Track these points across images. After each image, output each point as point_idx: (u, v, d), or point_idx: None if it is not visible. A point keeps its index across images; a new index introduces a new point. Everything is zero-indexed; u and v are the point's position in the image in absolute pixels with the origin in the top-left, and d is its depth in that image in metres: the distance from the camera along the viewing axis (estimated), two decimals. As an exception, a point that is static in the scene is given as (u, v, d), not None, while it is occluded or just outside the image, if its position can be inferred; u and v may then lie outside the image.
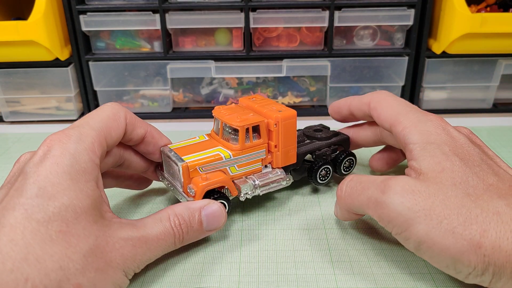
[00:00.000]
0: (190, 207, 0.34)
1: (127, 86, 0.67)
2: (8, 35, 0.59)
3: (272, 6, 0.62)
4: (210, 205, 0.35)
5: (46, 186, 0.27)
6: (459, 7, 0.58)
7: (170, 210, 0.34)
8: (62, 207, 0.27)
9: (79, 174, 0.29)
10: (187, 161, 0.37)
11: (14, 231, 0.25)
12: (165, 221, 0.33)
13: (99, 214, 0.29)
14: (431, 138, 0.33)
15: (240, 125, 0.38)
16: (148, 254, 0.31)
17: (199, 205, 0.35)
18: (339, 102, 0.44)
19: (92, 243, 0.28)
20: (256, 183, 0.39)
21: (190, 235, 0.34)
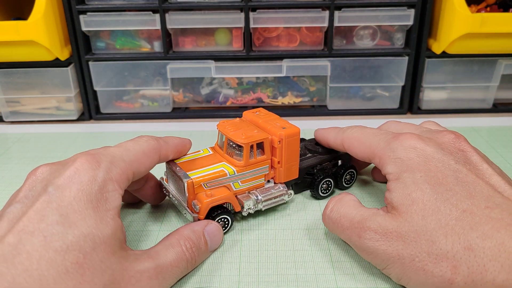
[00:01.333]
0: (195, 230, 0.35)
1: (127, 86, 0.67)
2: (8, 35, 0.59)
3: (272, 6, 0.62)
4: (210, 225, 0.36)
5: (68, 213, 0.27)
6: (459, 7, 0.58)
7: (178, 234, 0.33)
8: (81, 236, 0.26)
9: (102, 203, 0.29)
10: (192, 177, 0.37)
11: (30, 260, 0.24)
12: (176, 246, 0.32)
13: (117, 245, 0.28)
14: (404, 165, 0.32)
15: (245, 142, 0.38)
16: (164, 284, 0.31)
17: (202, 226, 0.35)
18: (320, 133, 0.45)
19: (108, 278, 0.27)
20: (259, 199, 0.40)
21: (200, 257, 0.34)
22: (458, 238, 0.27)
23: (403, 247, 0.29)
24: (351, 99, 0.69)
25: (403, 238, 0.29)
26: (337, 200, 0.36)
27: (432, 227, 0.29)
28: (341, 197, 0.36)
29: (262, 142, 0.39)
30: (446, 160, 0.32)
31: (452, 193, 0.29)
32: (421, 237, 0.29)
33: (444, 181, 0.30)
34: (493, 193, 0.29)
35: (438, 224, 0.28)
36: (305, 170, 0.43)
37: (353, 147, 0.39)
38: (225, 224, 0.39)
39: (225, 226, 0.39)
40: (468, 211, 0.28)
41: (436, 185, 0.30)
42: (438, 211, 0.29)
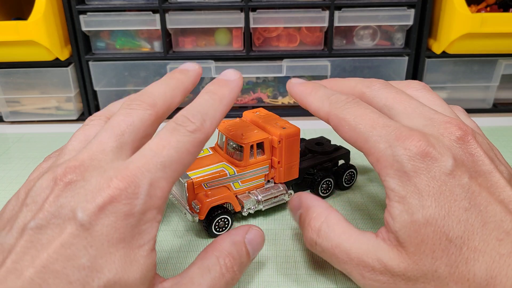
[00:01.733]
0: (235, 241, 0.29)
1: (127, 86, 0.67)
2: (8, 35, 0.59)
3: (272, 6, 0.62)
4: (251, 232, 0.30)
5: (97, 255, 0.22)
6: (459, 7, 0.58)
7: (217, 251, 0.28)
8: (107, 285, 0.22)
9: (136, 239, 0.24)
10: (192, 178, 0.37)
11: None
12: (214, 269, 0.27)
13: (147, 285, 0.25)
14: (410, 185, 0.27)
15: (245, 142, 0.38)
16: None
17: (242, 235, 0.30)
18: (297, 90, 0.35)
19: None
20: (259, 199, 0.40)
21: (241, 273, 0.29)
22: (469, 286, 0.25)
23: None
24: (351, 99, 0.69)
25: (412, 281, 0.26)
26: (324, 223, 0.30)
27: (442, 272, 0.26)
28: (328, 218, 0.31)
29: (262, 142, 0.39)
30: (459, 175, 0.27)
31: (463, 227, 0.26)
32: (431, 283, 0.26)
33: (456, 207, 0.26)
34: (504, 216, 0.26)
35: (448, 269, 0.26)
36: (305, 170, 0.43)
37: (343, 131, 0.31)
38: (225, 224, 0.39)
39: (225, 226, 0.39)
40: (478, 250, 0.25)
41: (447, 217, 0.26)
42: (448, 253, 0.26)
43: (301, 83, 0.35)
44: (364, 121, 0.29)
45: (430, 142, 0.27)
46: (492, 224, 0.26)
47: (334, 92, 0.33)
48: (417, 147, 0.27)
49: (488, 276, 0.25)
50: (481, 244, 0.25)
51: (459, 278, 0.25)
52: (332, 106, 0.31)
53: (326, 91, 0.33)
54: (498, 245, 0.25)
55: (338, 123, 0.31)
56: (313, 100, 0.33)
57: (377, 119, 0.29)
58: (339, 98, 0.32)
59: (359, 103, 0.31)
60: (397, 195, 0.27)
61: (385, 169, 0.28)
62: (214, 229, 0.38)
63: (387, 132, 0.28)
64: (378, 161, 0.28)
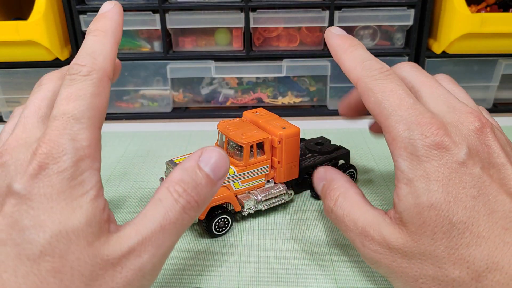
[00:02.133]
0: (186, 167, 0.27)
1: (127, 86, 0.67)
2: (8, 35, 0.59)
3: (272, 6, 0.62)
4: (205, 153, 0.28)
5: (39, 214, 0.23)
6: (459, 7, 0.58)
7: (167, 182, 0.27)
8: (53, 236, 0.23)
9: (76, 189, 0.25)
10: None
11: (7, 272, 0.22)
12: (166, 199, 0.26)
13: (96, 232, 0.25)
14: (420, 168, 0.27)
15: (245, 142, 0.38)
16: (160, 252, 0.26)
17: (194, 159, 0.28)
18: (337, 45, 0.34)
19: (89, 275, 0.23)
20: (259, 198, 0.40)
21: (204, 196, 0.27)
22: (467, 268, 0.25)
23: (407, 266, 0.27)
24: (351, 99, 0.69)
25: (408, 257, 0.27)
26: (342, 194, 0.32)
27: (440, 252, 0.26)
28: (346, 190, 0.32)
29: (262, 142, 0.39)
30: (471, 164, 0.27)
31: (469, 213, 0.26)
32: (428, 261, 0.26)
33: (464, 194, 0.26)
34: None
35: (447, 250, 0.26)
36: (305, 170, 0.43)
37: (368, 101, 0.30)
38: (225, 224, 0.39)
39: (225, 226, 0.39)
40: (481, 236, 0.25)
41: (452, 203, 0.26)
42: (449, 236, 0.26)
43: (340, 35, 0.34)
44: (391, 97, 0.29)
45: (448, 131, 0.27)
46: (499, 213, 0.26)
47: (370, 56, 0.32)
48: (435, 135, 0.27)
49: (489, 261, 0.25)
50: (485, 231, 0.25)
51: (457, 259, 0.26)
52: (364, 72, 0.31)
53: (363, 53, 0.32)
54: (504, 234, 0.25)
55: (365, 92, 0.30)
56: (346, 59, 0.32)
57: (404, 98, 0.29)
58: (373, 66, 0.31)
59: (391, 77, 0.30)
60: (406, 177, 0.28)
61: (398, 149, 0.28)
62: (214, 229, 0.38)
63: (409, 114, 0.28)
64: (393, 141, 0.29)
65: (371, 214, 0.30)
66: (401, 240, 0.27)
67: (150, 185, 0.48)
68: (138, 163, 0.53)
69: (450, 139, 0.27)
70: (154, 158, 0.54)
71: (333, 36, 0.34)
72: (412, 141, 0.27)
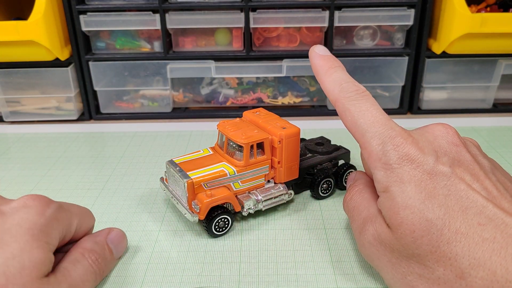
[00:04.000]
0: (97, 241, 0.34)
1: (127, 86, 0.67)
2: (8, 35, 0.59)
3: (272, 6, 0.62)
4: (112, 233, 0.35)
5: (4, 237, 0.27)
6: (459, 7, 0.58)
7: (81, 249, 0.32)
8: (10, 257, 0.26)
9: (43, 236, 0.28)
10: (192, 177, 0.37)
11: None
12: (82, 260, 0.32)
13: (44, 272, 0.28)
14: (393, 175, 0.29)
15: (245, 142, 0.38)
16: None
17: (104, 236, 0.35)
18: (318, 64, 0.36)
19: None
20: (259, 198, 0.40)
21: (107, 267, 0.34)
22: (450, 265, 0.26)
23: (395, 262, 0.29)
24: (351, 99, 0.69)
25: (395, 253, 0.29)
26: (359, 191, 0.35)
27: (422, 250, 0.27)
28: (364, 187, 0.35)
29: (262, 142, 0.39)
30: (440, 165, 0.29)
31: (444, 210, 0.27)
32: (413, 259, 0.28)
33: (436, 193, 0.28)
34: (485, 203, 0.27)
35: (429, 248, 0.27)
36: (305, 170, 0.43)
37: (345, 120, 0.32)
38: (225, 224, 0.39)
39: (225, 226, 0.39)
40: (460, 232, 0.26)
41: (427, 201, 0.27)
42: (428, 233, 0.27)
43: (322, 56, 0.36)
44: (366, 116, 0.31)
45: (416, 140, 0.30)
46: (473, 209, 0.27)
47: (348, 79, 0.34)
48: (404, 144, 0.29)
49: (471, 258, 0.25)
50: (463, 227, 0.26)
51: (440, 257, 0.26)
52: (342, 94, 0.33)
53: (341, 75, 0.34)
54: (481, 230, 0.26)
55: (343, 112, 0.32)
56: (326, 81, 0.34)
57: (377, 116, 0.31)
58: (350, 88, 0.33)
59: (366, 98, 0.32)
60: (382, 186, 0.30)
61: (374, 162, 0.30)
62: (214, 229, 0.38)
63: (383, 129, 0.30)
64: (369, 156, 0.31)
65: (373, 210, 0.32)
66: (389, 238, 0.29)
67: (150, 185, 0.48)
68: (138, 163, 0.53)
69: (418, 146, 0.29)
70: (154, 158, 0.54)
71: (316, 56, 0.36)
72: (385, 152, 0.29)
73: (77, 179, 0.49)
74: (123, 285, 0.33)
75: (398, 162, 0.29)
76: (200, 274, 0.34)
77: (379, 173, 0.30)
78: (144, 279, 0.34)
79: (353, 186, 0.36)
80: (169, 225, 0.41)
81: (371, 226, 0.31)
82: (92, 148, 0.58)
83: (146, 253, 0.37)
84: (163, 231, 0.40)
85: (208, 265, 0.35)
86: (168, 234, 0.39)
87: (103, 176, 0.50)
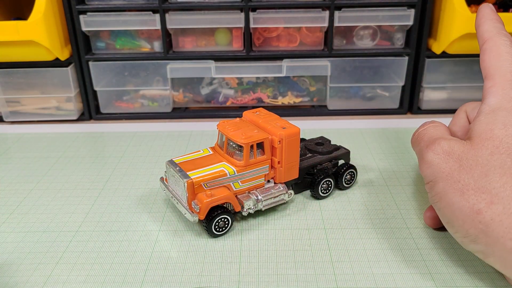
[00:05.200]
0: None
1: (127, 86, 0.67)
2: (8, 35, 0.59)
3: (272, 6, 0.62)
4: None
5: None
6: (459, 7, 0.58)
7: None
8: None
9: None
10: (192, 177, 0.37)
11: None
12: None
13: None
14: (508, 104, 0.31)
15: (245, 142, 0.38)
16: None
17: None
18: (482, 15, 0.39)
19: None
20: (259, 198, 0.40)
21: None
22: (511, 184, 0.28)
23: (456, 169, 0.31)
24: (351, 99, 0.69)
25: (461, 161, 0.31)
26: (433, 126, 0.37)
27: (493, 163, 0.29)
28: (439, 124, 0.37)
29: (262, 142, 0.39)
30: None
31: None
32: (478, 167, 0.30)
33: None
34: None
35: (501, 164, 0.29)
36: (305, 170, 0.43)
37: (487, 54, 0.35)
38: (225, 224, 0.39)
39: (225, 226, 0.39)
40: None
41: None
42: (509, 154, 0.29)
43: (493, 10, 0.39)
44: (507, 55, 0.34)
45: None
46: None
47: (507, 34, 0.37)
48: None
49: None
50: None
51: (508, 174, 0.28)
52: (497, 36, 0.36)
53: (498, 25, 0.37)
54: None
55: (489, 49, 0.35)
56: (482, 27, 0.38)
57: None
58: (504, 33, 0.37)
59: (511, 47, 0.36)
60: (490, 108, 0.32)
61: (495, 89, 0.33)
62: (214, 229, 0.38)
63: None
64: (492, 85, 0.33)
65: (448, 134, 0.35)
66: (463, 148, 0.31)
67: (150, 185, 0.48)
68: (138, 163, 0.53)
69: None
70: (154, 158, 0.54)
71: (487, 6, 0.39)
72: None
73: (77, 179, 0.49)
74: (123, 285, 0.33)
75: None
76: (200, 274, 0.34)
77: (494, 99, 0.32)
78: (144, 279, 0.34)
79: (427, 123, 0.38)
80: (169, 225, 0.41)
81: (444, 141, 0.33)
82: (92, 148, 0.58)
83: (146, 253, 0.37)
84: (163, 231, 0.40)
85: (208, 265, 0.35)
86: (168, 234, 0.39)
87: (103, 176, 0.50)
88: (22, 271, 0.35)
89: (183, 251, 0.37)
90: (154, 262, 0.36)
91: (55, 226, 0.41)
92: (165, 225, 0.41)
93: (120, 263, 0.36)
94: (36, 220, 0.42)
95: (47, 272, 0.35)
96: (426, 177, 0.33)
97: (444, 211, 0.31)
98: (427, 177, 0.33)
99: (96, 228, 0.40)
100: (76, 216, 0.42)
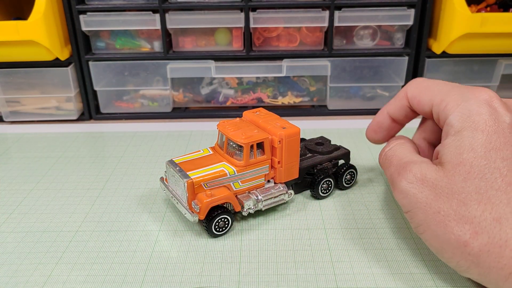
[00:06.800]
0: None
1: (127, 86, 0.67)
2: (8, 35, 0.59)
3: (272, 6, 0.62)
4: None
5: None
6: (459, 7, 0.58)
7: None
8: None
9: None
10: (192, 177, 0.37)
11: None
12: None
13: None
14: (469, 121, 0.31)
15: (245, 142, 0.38)
16: None
17: None
18: (374, 118, 0.42)
19: None
20: (259, 198, 0.40)
21: None
22: (491, 208, 0.28)
23: (433, 198, 0.30)
24: (351, 99, 0.69)
25: (436, 190, 0.30)
26: (399, 144, 0.37)
27: (469, 190, 0.29)
28: (404, 142, 0.37)
29: (262, 142, 0.39)
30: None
31: (505, 163, 0.28)
32: (455, 196, 0.29)
33: (503, 147, 0.29)
34: None
35: (477, 190, 0.28)
36: (305, 170, 0.43)
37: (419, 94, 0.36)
38: (225, 224, 0.39)
39: (225, 226, 0.39)
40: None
41: (492, 151, 0.29)
42: (482, 178, 0.29)
43: None
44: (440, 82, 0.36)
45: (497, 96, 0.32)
46: None
47: None
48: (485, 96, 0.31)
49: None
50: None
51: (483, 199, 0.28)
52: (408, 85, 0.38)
53: None
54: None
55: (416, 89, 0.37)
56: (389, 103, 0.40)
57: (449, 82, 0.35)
58: None
59: None
60: (454, 129, 0.31)
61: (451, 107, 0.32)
62: (214, 229, 0.38)
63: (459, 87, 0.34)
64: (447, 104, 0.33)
65: (418, 157, 0.34)
66: (435, 175, 0.30)
67: (150, 185, 0.48)
68: (138, 163, 0.53)
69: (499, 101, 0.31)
70: (154, 158, 0.54)
71: None
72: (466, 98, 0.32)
73: (77, 179, 0.49)
74: (123, 285, 0.33)
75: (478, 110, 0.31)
76: (200, 274, 0.34)
77: (455, 117, 0.31)
78: (144, 279, 0.34)
79: (393, 140, 0.38)
80: (169, 225, 0.41)
81: (415, 167, 0.32)
82: (92, 148, 0.58)
83: (146, 253, 0.37)
84: (163, 231, 0.40)
85: (208, 265, 0.35)
86: (168, 234, 0.39)
87: (103, 176, 0.50)
88: (22, 271, 0.35)
89: (183, 251, 0.37)
90: (154, 262, 0.36)
91: (55, 226, 0.41)
92: (165, 225, 0.41)
93: (120, 263, 0.36)
94: (36, 220, 0.42)
95: (47, 272, 0.35)
96: (404, 207, 0.33)
97: (431, 243, 0.31)
98: (404, 206, 0.32)
99: (96, 228, 0.40)
100: (76, 216, 0.42)
